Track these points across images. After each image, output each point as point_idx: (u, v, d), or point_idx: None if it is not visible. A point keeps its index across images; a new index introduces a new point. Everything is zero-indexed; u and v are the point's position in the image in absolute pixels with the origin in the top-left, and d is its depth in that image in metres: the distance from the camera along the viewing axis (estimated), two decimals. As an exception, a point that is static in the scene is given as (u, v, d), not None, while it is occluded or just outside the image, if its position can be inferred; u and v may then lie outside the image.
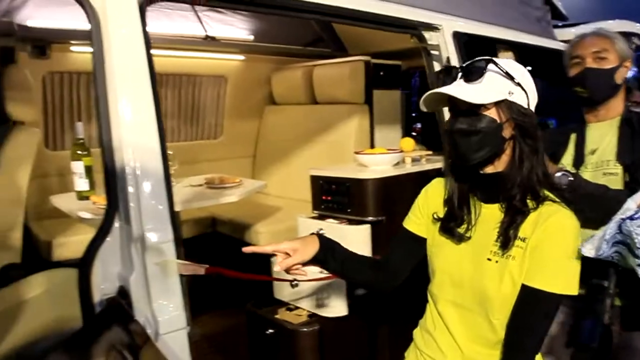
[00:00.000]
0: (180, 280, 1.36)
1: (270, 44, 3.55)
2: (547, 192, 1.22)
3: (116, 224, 1.34)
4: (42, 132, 2.94)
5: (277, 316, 2.06)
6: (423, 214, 1.41)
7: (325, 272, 2.00)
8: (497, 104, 1.18)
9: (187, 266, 1.36)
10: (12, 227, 2.21)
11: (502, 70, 1.19)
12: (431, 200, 1.41)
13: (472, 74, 1.20)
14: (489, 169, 1.23)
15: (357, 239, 1.99)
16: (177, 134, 3.52)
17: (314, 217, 2.19)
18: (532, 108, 1.23)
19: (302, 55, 3.70)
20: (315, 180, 2.18)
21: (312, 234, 1.46)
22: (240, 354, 2.33)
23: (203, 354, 2.55)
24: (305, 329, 1.90)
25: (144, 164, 1.32)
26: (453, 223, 1.30)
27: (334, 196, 2.10)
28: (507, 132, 1.19)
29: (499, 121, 1.18)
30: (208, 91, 3.58)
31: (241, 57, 3.57)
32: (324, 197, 2.15)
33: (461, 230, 1.29)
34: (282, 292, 2.10)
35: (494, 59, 1.22)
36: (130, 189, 1.30)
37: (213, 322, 2.84)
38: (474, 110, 1.18)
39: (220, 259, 3.35)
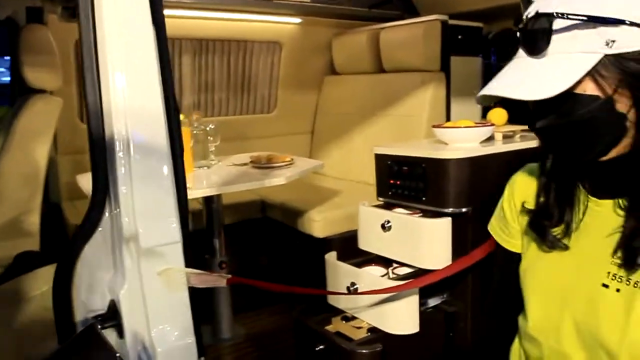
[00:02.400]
0: (189, 297, 0.99)
1: (330, 4, 3.12)
2: None
3: (107, 214, 0.99)
4: (77, 104, 2.67)
5: (329, 327, 1.66)
6: (515, 220, 1.03)
7: (393, 280, 1.59)
8: (592, 71, 0.73)
9: (199, 277, 0.99)
10: (27, 209, 1.93)
11: (580, 18, 0.72)
12: (518, 194, 1.02)
13: (532, 44, 0.76)
14: (612, 154, 0.80)
15: (433, 235, 1.56)
16: (225, 106, 3.19)
17: (378, 206, 1.77)
18: None
19: (366, 18, 3.27)
20: (382, 160, 1.76)
21: None
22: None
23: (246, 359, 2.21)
24: (364, 350, 1.49)
25: (142, 137, 0.95)
26: (547, 221, 0.91)
27: (404, 180, 1.67)
28: (623, 103, 0.75)
29: (602, 96, 0.74)
30: (260, 59, 3.23)
31: (298, 19, 3.19)
32: (391, 182, 1.72)
33: (557, 232, 0.90)
34: (338, 297, 1.70)
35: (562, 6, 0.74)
36: (122, 170, 0.93)
37: (260, 320, 2.49)
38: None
39: (270, 246, 3.03)
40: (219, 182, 1.95)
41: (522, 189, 1.01)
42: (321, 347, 1.60)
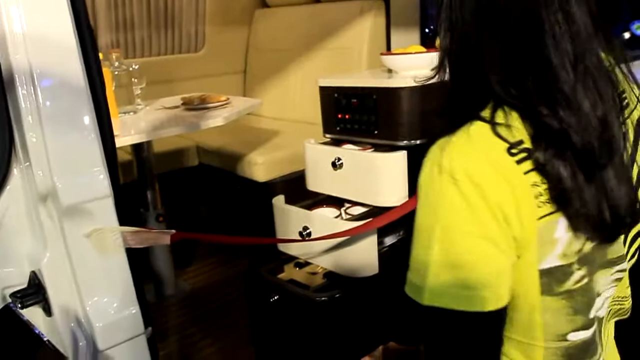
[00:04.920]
0: (126, 259, 0.84)
1: None
2: None
3: (15, 171, 0.81)
4: None
5: (282, 276, 1.56)
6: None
7: (348, 222, 1.49)
8: None
9: (137, 235, 0.84)
10: None
11: None
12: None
13: None
14: None
15: (388, 171, 1.46)
16: (147, 46, 2.90)
17: (326, 143, 1.65)
18: None
19: (297, -58, 3.02)
20: (327, 93, 1.62)
21: None
22: (242, 316, 1.86)
23: (192, 315, 2.08)
24: (322, 297, 1.41)
25: (51, 71, 0.77)
26: None
27: (354, 114, 1.55)
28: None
29: None
30: (183, -8, 2.92)
31: (221, -55, 2.90)
32: (339, 116, 1.59)
33: None
34: (289, 243, 1.60)
35: None
36: (28, 113, 0.75)
37: (204, 274, 2.36)
38: None
39: (208, 195, 2.87)
40: (148, 127, 1.75)
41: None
42: (276, 297, 1.50)
